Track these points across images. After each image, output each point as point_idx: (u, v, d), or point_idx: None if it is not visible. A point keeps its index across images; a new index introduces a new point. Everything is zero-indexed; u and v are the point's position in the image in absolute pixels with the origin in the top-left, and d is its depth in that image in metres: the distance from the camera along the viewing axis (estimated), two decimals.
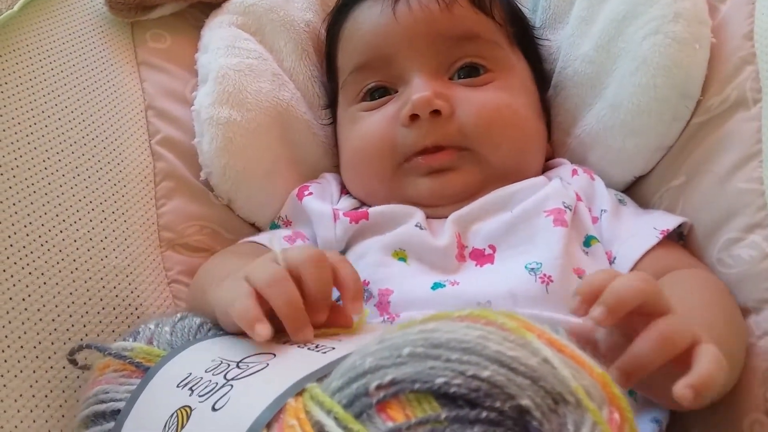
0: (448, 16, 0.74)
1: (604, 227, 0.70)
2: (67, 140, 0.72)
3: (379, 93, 0.76)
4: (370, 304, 0.64)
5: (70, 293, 0.65)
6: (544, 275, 0.62)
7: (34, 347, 0.61)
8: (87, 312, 0.65)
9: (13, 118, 0.69)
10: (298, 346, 0.46)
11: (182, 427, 0.42)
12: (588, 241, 0.68)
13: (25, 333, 0.61)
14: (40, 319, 0.62)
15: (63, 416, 0.60)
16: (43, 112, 0.71)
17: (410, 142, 0.71)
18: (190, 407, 0.43)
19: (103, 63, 0.80)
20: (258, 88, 0.79)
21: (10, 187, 0.65)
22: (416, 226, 0.68)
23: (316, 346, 0.46)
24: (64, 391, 0.61)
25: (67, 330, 0.63)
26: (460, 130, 0.71)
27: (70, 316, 0.64)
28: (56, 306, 0.64)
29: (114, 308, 0.67)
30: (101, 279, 0.68)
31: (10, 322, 0.60)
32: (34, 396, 0.59)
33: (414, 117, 0.70)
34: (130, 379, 0.52)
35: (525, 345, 0.36)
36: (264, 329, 0.46)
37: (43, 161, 0.69)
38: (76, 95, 0.75)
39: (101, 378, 0.54)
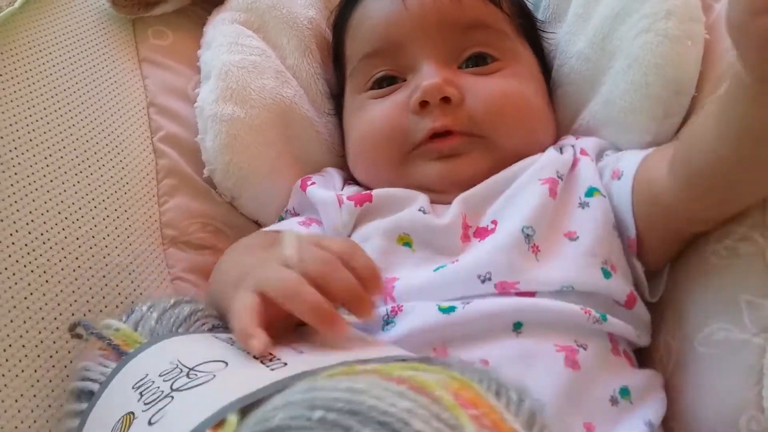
0: (457, 5, 0.74)
1: (610, 158, 0.70)
2: (68, 137, 0.71)
3: (388, 82, 0.76)
4: None
5: (73, 291, 0.65)
6: (535, 245, 0.63)
7: (36, 346, 0.61)
8: (89, 310, 0.65)
9: (14, 115, 0.68)
10: (253, 357, 0.46)
11: None
12: (590, 192, 0.68)
13: (27, 332, 0.60)
14: (42, 318, 0.62)
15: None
16: (44, 109, 0.71)
17: (419, 129, 0.71)
18: (134, 415, 0.43)
19: (105, 60, 0.80)
20: (261, 85, 0.79)
21: (12, 185, 0.65)
22: (419, 210, 0.68)
23: (271, 359, 0.45)
24: (65, 391, 0.60)
25: None
26: (470, 118, 0.70)
27: (72, 314, 0.64)
28: (58, 304, 0.63)
29: (117, 306, 0.67)
30: (104, 277, 0.67)
31: (11, 321, 0.60)
32: (35, 396, 0.59)
33: (424, 104, 0.70)
34: (107, 360, 0.53)
35: (456, 428, 0.33)
36: (257, 342, 0.47)
37: (45, 158, 0.68)
38: (78, 92, 0.75)
39: (89, 354, 0.55)
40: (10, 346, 0.59)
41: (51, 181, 0.68)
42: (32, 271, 0.63)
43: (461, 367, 0.40)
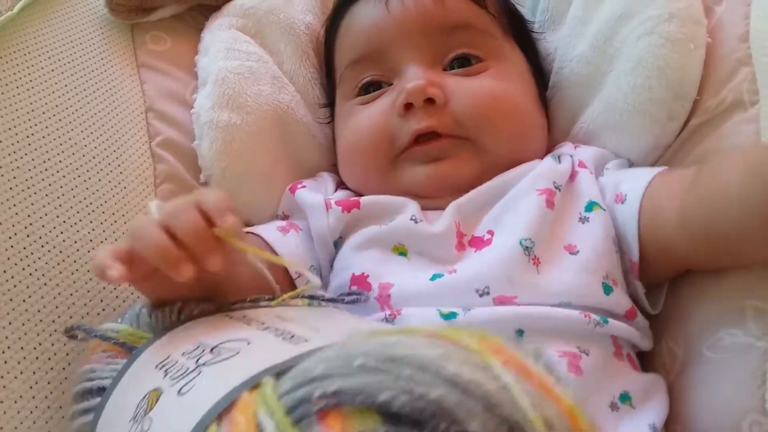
0: (441, 8, 0.74)
1: (610, 176, 0.70)
2: (67, 142, 0.72)
3: (374, 87, 0.76)
4: (370, 297, 0.64)
5: (71, 294, 0.65)
6: (536, 257, 0.63)
7: (34, 348, 0.61)
8: (87, 313, 0.65)
9: (13, 120, 0.69)
10: (275, 335, 0.46)
11: (150, 409, 0.43)
12: (590, 207, 0.67)
13: (25, 334, 0.61)
14: (41, 321, 0.62)
15: (63, 417, 0.60)
16: (43, 113, 0.72)
17: (404, 132, 0.71)
18: (161, 390, 0.44)
19: (103, 65, 0.80)
20: (258, 91, 0.79)
21: (11, 188, 0.65)
22: (411, 219, 0.68)
23: (292, 336, 0.45)
24: (64, 393, 0.61)
25: None
26: (455, 119, 0.70)
27: (71, 317, 0.64)
28: (56, 307, 0.64)
29: (114, 309, 0.67)
30: None
31: (10, 323, 0.60)
32: (34, 397, 0.60)
33: (408, 106, 0.70)
34: (116, 359, 0.54)
35: (486, 369, 0.35)
36: (113, 271, 0.49)
37: (44, 163, 0.69)
38: (77, 97, 0.76)
39: (92, 357, 0.55)
40: (8, 348, 0.60)
41: (50, 185, 0.68)
42: (30, 275, 0.63)
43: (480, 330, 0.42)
